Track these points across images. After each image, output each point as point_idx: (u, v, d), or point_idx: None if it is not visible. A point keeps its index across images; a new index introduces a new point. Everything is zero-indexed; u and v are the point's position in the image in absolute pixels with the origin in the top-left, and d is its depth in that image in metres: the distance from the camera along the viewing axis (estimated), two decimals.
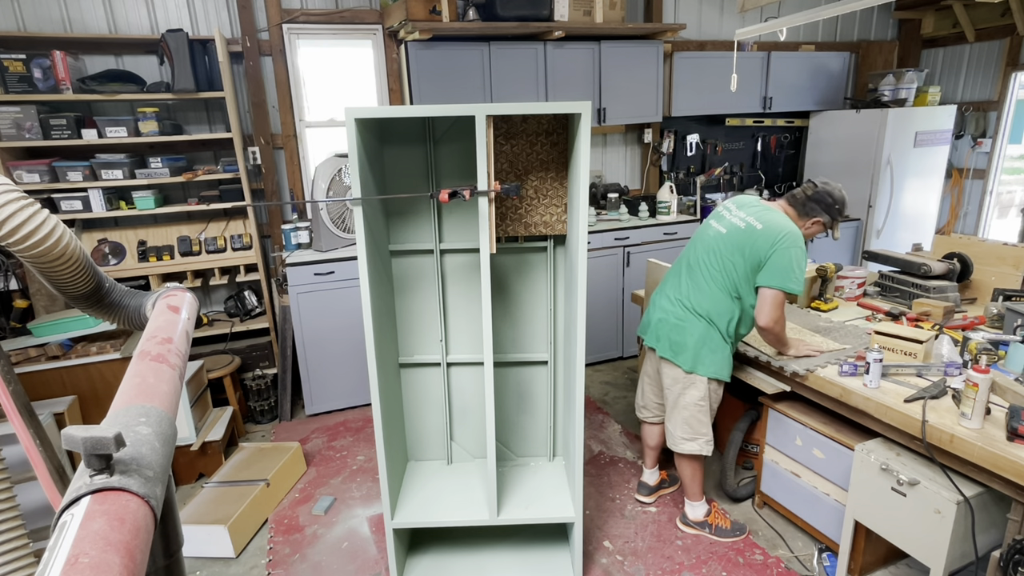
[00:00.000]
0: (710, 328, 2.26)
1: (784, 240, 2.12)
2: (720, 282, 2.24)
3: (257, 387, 3.63)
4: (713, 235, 2.31)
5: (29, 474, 2.12)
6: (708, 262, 2.27)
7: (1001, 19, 4.69)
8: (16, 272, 3.11)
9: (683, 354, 2.30)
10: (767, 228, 2.16)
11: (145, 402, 0.79)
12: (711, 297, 2.25)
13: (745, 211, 2.27)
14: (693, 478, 2.50)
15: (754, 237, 2.17)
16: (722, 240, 2.26)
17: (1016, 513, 1.66)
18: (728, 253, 2.22)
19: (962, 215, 5.29)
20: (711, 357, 2.28)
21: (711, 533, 2.53)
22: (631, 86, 4.21)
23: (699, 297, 2.27)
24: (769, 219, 2.19)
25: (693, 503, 2.55)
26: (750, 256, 2.17)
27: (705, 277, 2.27)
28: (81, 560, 0.51)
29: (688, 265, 2.36)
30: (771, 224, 2.17)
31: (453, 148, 2.26)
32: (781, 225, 2.16)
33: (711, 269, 2.26)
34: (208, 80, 3.40)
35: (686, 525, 2.58)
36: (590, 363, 4.36)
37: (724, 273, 2.23)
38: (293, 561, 2.51)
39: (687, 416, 2.36)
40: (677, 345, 2.31)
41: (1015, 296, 2.58)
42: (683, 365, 2.30)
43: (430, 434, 2.58)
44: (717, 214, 2.38)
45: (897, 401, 1.93)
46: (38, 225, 1.10)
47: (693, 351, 2.28)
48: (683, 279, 2.35)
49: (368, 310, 1.96)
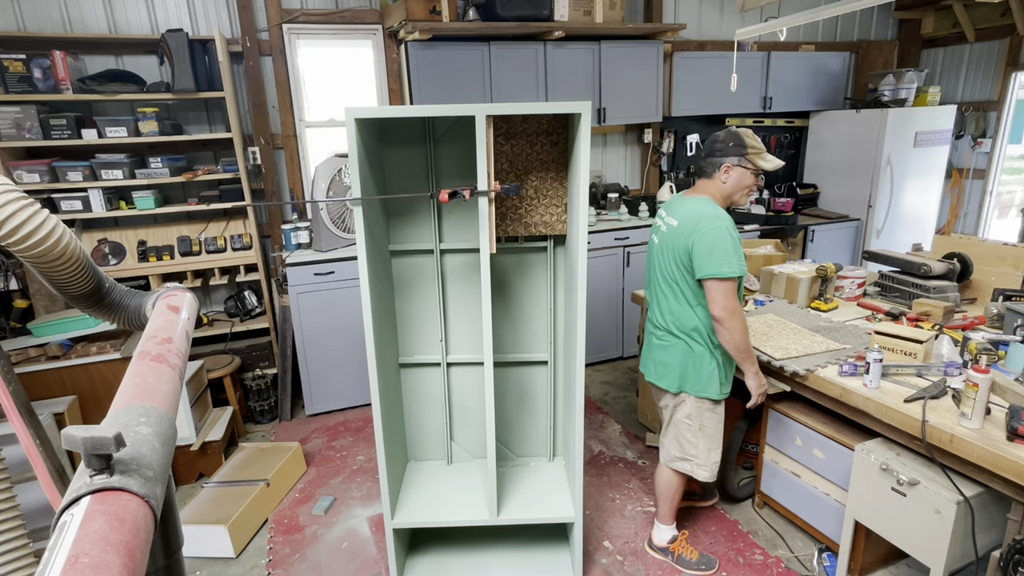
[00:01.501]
0: (691, 344, 2.13)
1: (698, 226, 1.99)
2: (675, 293, 2.13)
3: (257, 387, 3.63)
4: (654, 248, 2.24)
5: (29, 474, 2.12)
6: (659, 277, 2.18)
7: (1001, 19, 4.69)
8: (16, 272, 3.11)
9: (668, 376, 2.21)
10: (682, 221, 2.06)
11: (145, 402, 0.79)
12: (675, 312, 2.14)
13: (668, 213, 2.17)
14: (667, 495, 2.38)
15: (675, 235, 2.07)
16: (659, 251, 2.17)
17: (1016, 513, 1.66)
18: (666, 262, 2.13)
19: (962, 215, 5.29)
20: (695, 375, 2.15)
21: (674, 561, 2.40)
22: (631, 86, 4.21)
23: (666, 315, 2.18)
24: (683, 211, 2.09)
25: (661, 525, 2.44)
26: (680, 256, 2.06)
27: (664, 293, 2.17)
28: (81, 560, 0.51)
29: (649, 285, 2.29)
30: (685, 215, 2.07)
31: (453, 148, 2.26)
32: (693, 212, 2.05)
33: (664, 283, 2.16)
34: (208, 80, 3.40)
35: (651, 548, 2.49)
36: (590, 363, 4.36)
37: (671, 283, 2.13)
38: (293, 561, 2.51)
39: (676, 433, 2.28)
40: (661, 367, 2.23)
41: (1015, 296, 2.58)
42: (669, 388, 2.21)
43: (430, 434, 2.58)
44: (655, 226, 2.28)
45: (897, 401, 1.93)
46: (38, 225, 1.10)
47: (678, 371, 2.18)
48: (652, 300, 2.27)
49: (368, 310, 1.96)
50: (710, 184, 2.12)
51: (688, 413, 2.21)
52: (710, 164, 2.10)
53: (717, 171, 2.08)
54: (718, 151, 2.08)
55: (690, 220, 2.03)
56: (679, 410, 2.24)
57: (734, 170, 2.06)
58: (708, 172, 2.11)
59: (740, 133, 2.07)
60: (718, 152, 2.08)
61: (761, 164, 2.06)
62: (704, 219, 2.00)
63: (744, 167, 2.06)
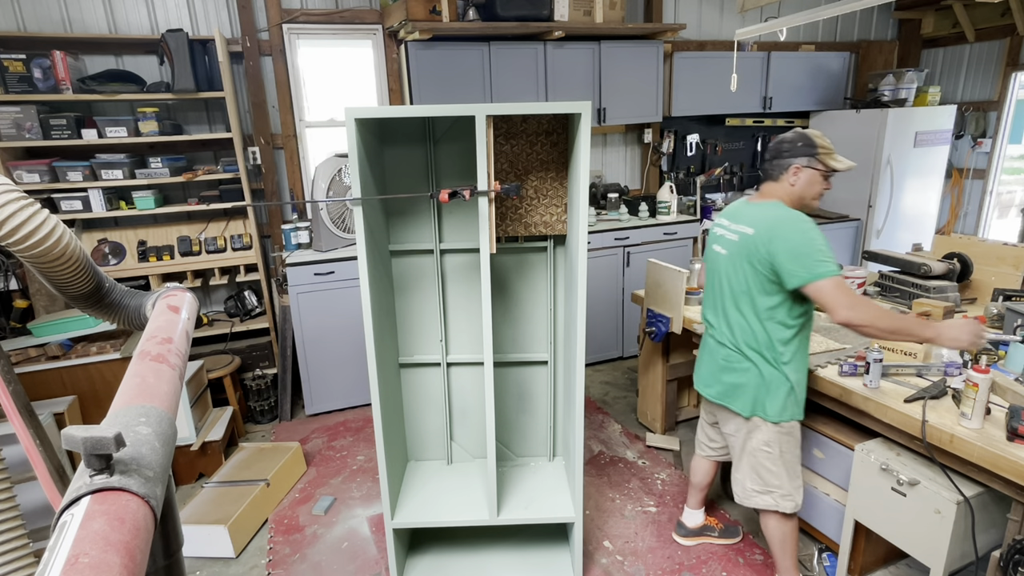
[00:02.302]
0: (763, 364, 1.97)
1: (778, 230, 1.86)
2: (751, 307, 1.96)
3: (257, 387, 3.63)
4: (720, 260, 2.08)
5: (29, 474, 2.12)
6: (727, 291, 2.03)
7: (1001, 19, 4.69)
8: (16, 272, 3.11)
9: (739, 399, 2.03)
10: (759, 228, 1.92)
11: (145, 402, 0.79)
12: (749, 328, 1.98)
13: (734, 221, 2.05)
14: (783, 545, 2.13)
15: (751, 244, 1.92)
16: (728, 263, 2.02)
17: (1016, 513, 1.66)
18: (738, 274, 1.98)
19: (962, 215, 5.29)
20: (772, 397, 1.97)
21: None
22: (631, 86, 4.21)
23: (737, 332, 2.02)
24: (756, 217, 1.95)
25: None
26: (759, 266, 1.90)
27: (735, 308, 2.01)
28: (81, 560, 0.51)
29: (714, 300, 2.13)
30: (760, 221, 1.93)
31: (453, 148, 2.26)
32: (768, 216, 1.92)
33: (735, 297, 2.01)
34: (208, 80, 3.40)
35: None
36: (590, 363, 4.36)
37: (745, 296, 1.96)
38: (293, 561, 2.51)
39: (754, 463, 2.07)
40: (731, 387, 2.05)
41: (1015, 296, 2.58)
42: (742, 412, 2.03)
43: (430, 434, 2.58)
44: (715, 236, 2.15)
45: (897, 401, 1.93)
46: (38, 225, 1.10)
47: (751, 393, 2.00)
48: (717, 315, 2.11)
49: (368, 310, 1.96)
50: (778, 187, 1.99)
51: (766, 440, 2.02)
52: (777, 166, 1.97)
53: (785, 173, 1.96)
54: (786, 152, 1.96)
55: (767, 226, 1.89)
56: (754, 437, 2.05)
57: (804, 171, 1.94)
58: (775, 175, 1.99)
59: (809, 133, 1.95)
60: (786, 153, 1.96)
61: (833, 164, 1.94)
62: (783, 222, 1.87)
63: (814, 168, 1.93)
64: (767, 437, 2.02)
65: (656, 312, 3.05)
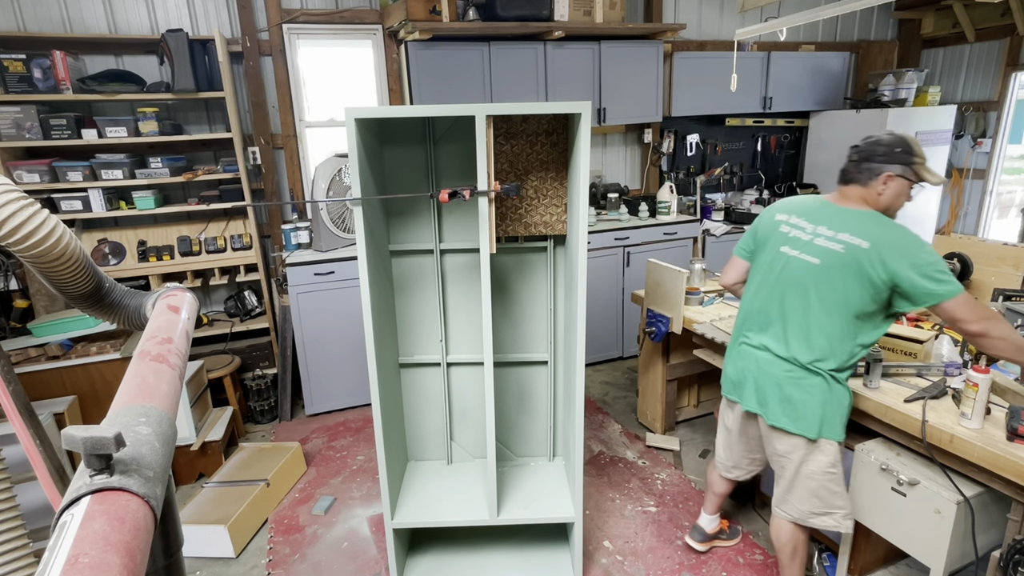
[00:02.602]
0: (830, 381, 1.83)
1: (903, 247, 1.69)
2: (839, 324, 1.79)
3: (257, 387, 3.63)
4: (800, 268, 1.85)
5: (29, 474, 2.12)
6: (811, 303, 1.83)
7: (1001, 19, 4.69)
8: (16, 272, 3.11)
9: (804, 419, 1.85)
10: (876, 242, 1.72)
11: (145, 402, 0.79)
12: (827, 344, 1.81)
13: (829, 226, 1.82)
14: (793, 555, 2.03)
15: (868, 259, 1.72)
16: (822, 273, 1.80)
17: (1016, 513, 1.66)
18: (835, 287, 1.78)
19: (962, 215, 5.29)
20: (837, 414, 1.85)
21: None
22: (631, 86, 4.21)
23: (812, 346, 1.83)
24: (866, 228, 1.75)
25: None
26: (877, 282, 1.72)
27: (815, 320, 1.82)
28: (81, 560, 0.51)
29: (775, 309, 1.91)
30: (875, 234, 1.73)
31: (453, 148, 2.26)
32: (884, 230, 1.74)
33: (820, 311, 1.81)
34: (208, 80, 3.40)
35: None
36: (590, 363, 4.36)
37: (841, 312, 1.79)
38: (293, 561, 2.51)
39: (814, 487, 1.91)
40: (794, 409, 1.87)
41: (1015, 296, 2.58)
42: (806, 433, 1.86)
43: (430, 434, 2.58)
44: (785, 237, 1.91)
45: (897, 401, 1.93)
46: (38, 225, 1.10)
47: (818, 413, 1.84)
48: (777, 325, 1.91)
49: (368, 310, 1.96)
50: (864, 193, 1.81)
51: (831, 462, 1.89)
52: (867, 170, 1.79)
53: (875, 180, 1.78)
54: (881, 156, 1.77)
55: (886, 242, 1.71)
56: (817, 460, 1.89)
57: (894, 181, 1.77)
58: (862, 179, 1.80)
59: (908, 139, 1.77)
60: (880, 157, 1.77)
61: (928, 178, 1.77)
62: (906, 239, 1.71)
63: (907, 179, 1.77)
64: (832, 458, 1.88)
65: (656, 312, 3.05)
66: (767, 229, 2.00)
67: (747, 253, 2.12)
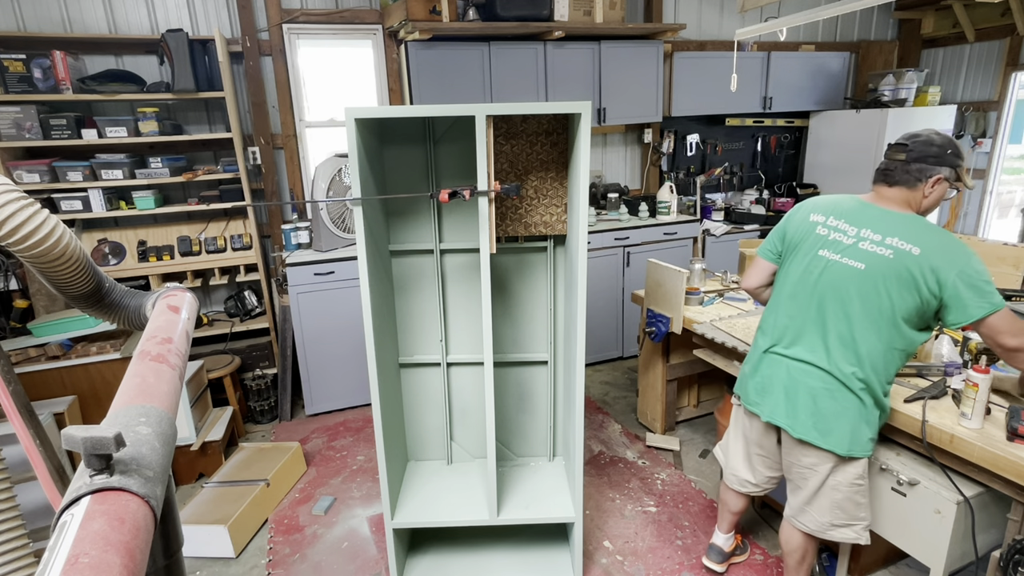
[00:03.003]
0: (867, 394, 1.75)
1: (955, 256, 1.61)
2: (884, 335, 1.71)
3: (257, 387, 3.63)
4: (841, 273, 1.75)
5: (29, 474, 2.12)
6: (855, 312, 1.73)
7: (1001, 19, 4.69)
8: (16, 272, 3.11)
9: (834, 434, 1.78)
10: (928, 249, 1.63)
11: (145, 402, 0.79)
12: (868, 356, 1.73)
13: (874, 230, 1.72)
14: (801, 561, 2.00)
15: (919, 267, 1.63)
16: (864, 278, 1.71)
17: (1016, 513, 1.66)
18: (881, 295, 1.69)
19: (962, 215, 5.29)
20: (870, 431, 1.78)
21: None
22: (631, 86, 4.21)
23: (857, 355, 1.74)
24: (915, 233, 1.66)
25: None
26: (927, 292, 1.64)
27: (856, 332, 1.73)
28: (81, 560, 0.51)
29: (819, 316, 1.80)
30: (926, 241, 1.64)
31: (453, 148, 2.26)
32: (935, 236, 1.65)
33: (864, 321, 1.72)
34: (208, 80, 3.40)
35: None
36: (590, 363, 4.36)
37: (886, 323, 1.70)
38: (293, 561, 2.51)
39: (839, 499, 1.84)
40: (826, 423, 1.78)
41: (1015, 296, 2.57)
42: (836, 449, 1.78)
43: (430, 434, 2.58)
44: (824, 240, 1.80)
45: (897, 401, 1.93)
46: (38, 225, 1.10)
47: (849, 428, 1.76)
48: (816, 335, 1.81)
49: (368, 310, 1.96)
50: (910, 196, 1.71)
51: (859, 474, 1.83)
52: (917, 172, 1.69)
53: (924, 182, 1.69)
54: (933, 157, 1.68)
55: (938, 249, 1.62)
56: (844, 472, 1.82)
57: (940, 184, 1.69)
58: (910, 181, 1.70)
59: (955, 140, 1.71)
60: (933, 159, 1.67)
61: (967, 181, 1.71)
62: (956, 247, 1.62)
63: (950, 182, 1.70)
64: (861, 470, 1.83)
65: (656, 312, 3.05)
66: (800, 231, 1.87)
67: (774, 255, 1.98)
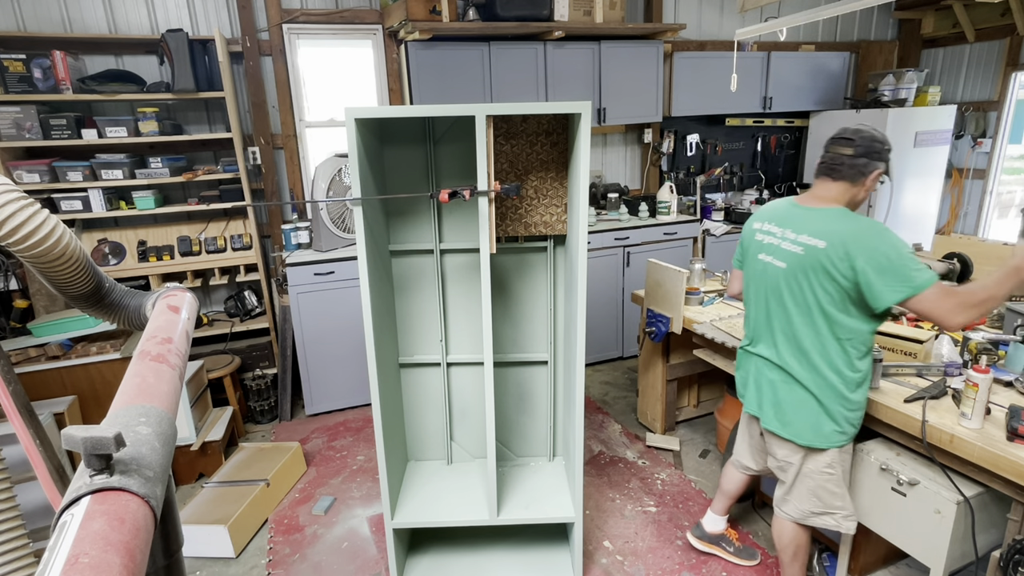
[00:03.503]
0: (824, 387, 1.80)
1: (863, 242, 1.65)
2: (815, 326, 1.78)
3: (257, 387, 3.63)
4: (773, 273, 1.87)
5: (29, 474, 2.12)
6: (788, 308, 1.83)
7: (1001, 19, 4.69)
8: (16, 272, 3.11)
9: (792, 426, 1.87)
10: (833, 241, 1.70)
11: (145, 402, 0.79)
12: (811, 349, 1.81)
13: (793, 229, 1.82)
14: (795, 555, 2.03)
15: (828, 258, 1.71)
16: (789, 277, 1.82)
17: (1016, 513, 1.66)
18: (803, 289, 1.78)
19: (962, 215, 5.29)
20: (833, 422, 1.83)
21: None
22: (631, 86, 4.21)
23: (796, 351, 1.84)
24: (824, 227, 1.74)
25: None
26: (842, 282, 1.70)
27: (795, 327, 1.82)
28: (81, 560, 0.51)
29: (762, 316, 1.94)
30: (832, 233, 1.71)
31: (453, 148, 2.26)
32: (843, 227, 1.71)
33: (799, 316, 1.81)
34: (208, 80, 3.40)
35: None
36: (590, 363, 4.36)
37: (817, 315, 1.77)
38: (293, 561, 2.51)
39: (812, 486, 1.91)
40: (784, 414, 1.89)
41: (1015, 296, 2.57)
42: (796, 439, 1.87)
43: (430, 434, 2.58)
44: (761, 245, 1.92)
45: (897, 401, 1.93)
46: (38, 225, 1.10)
47: (809, 420, 1.84)
48: (767, 333, 1.93)
49: (368, 310, 1.96)
50: (845, 191, 1.76)
51: (828, 463, 1.88)
52: (863, 166, 1.72)
53: (866, 177, 1.73)
54: (875, 152, 1.71)
55: (844, 239, 1.68)
56: (814, 461, 1.89)
57: (877, 178, 1.75)
58: (855, 176, 1.73)
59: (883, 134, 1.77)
60: (876, 155, 1.71)
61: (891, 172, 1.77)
62: (866, 234, 1.67)
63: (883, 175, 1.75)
64: (829, 459, 1.88)
65: (656, 312, 3.05)
66: (748, 238, 2.04)
67: (739, 263, 2.16)
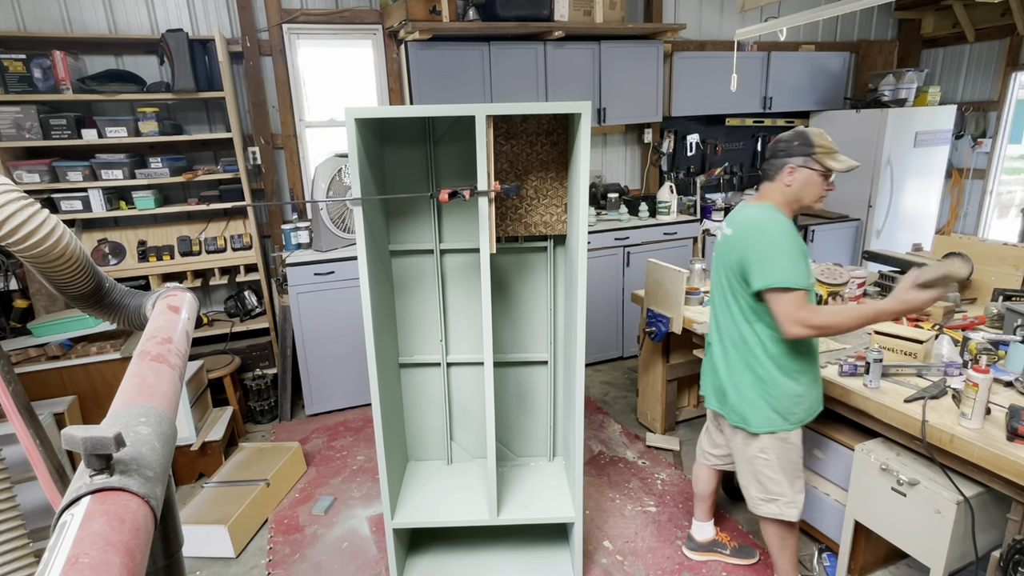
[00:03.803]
0: (751, 371, 1.93)
1: (751, 232, 1.85)
2: (729, 309, 1.97)
3: (257, 387, 3.63)
4: (715, 263, 2.06)
5: (29, 474, 2.12)
6: (717, 293, 2.04)
7: (1001, 19, 4.69)
8: (16, 272, 3.11)
9: (728, 403, 2.03)
10: (736, 229, 1.92)
11: (145, 402, 0.79)
12: (729, 331, 1.98)
13: (727, 221, 2.02)
14: (782, 549, 2.10)
15: (729, 245, 1.94)
16: (716, 265, 2.04)
17: (1016, 513, 1.66)
18: (720, 275, 2.00)
19: (962, 215, 5.29)
20: (757, 405, 1.93)
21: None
22: (631, 86, 4.21)
23: (724, 334, 2.02)
24: (739, 219, 1.94)
25: None
26: (733, 268, 1.91)
27: (719, 309, 2.03)
28: (81, 560, 0.51)
29: (713, 305, 2.12)
30: (739, 223, 1.92)
31: (453, 148, 2.26)
32: (747, 218, 1.90)
33: (719, 298, 2.02)
34: (208, 80, 3.40)
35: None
36: (590, 363, 4.36)
37: (724, 298, 1.98)
38: (293, 561, 2.51)
39: (753, 471, 2.04)
40: (723, 392, 2.05)
41: (1015, 296, 2.58)
42: (728, 417, 2.04)
43: (430, 434, 2.58)
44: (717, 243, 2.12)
45: (897, 401, 1.93)
46: (38, 225, 1.10)
47: (736, 401, 1.99)
48: (714, 321, 2.10)
49: (368, 310, 1.96)
50: (773, 188, 1.93)
51: (761, 447, 1.98)
52: (773, 166, 1.91)
53: (780, 173, 1.89)
54: (781, 151, 1.90)
55: (744, 227, 1.88)
56: (751, 444, 2.01)
57: (799, 172, 1.86)
58: (771, 175, 1.93)
59: (807, 132, 1.88)
60: (781, 152, 1.90)
61: (831, 164, 1.85)
62: (757, 225, 1.85)
63: (811, 168, 1.86)
64: (762, 444, 1.97)
65: (656, 312, 3.05)
66: None
67: None
